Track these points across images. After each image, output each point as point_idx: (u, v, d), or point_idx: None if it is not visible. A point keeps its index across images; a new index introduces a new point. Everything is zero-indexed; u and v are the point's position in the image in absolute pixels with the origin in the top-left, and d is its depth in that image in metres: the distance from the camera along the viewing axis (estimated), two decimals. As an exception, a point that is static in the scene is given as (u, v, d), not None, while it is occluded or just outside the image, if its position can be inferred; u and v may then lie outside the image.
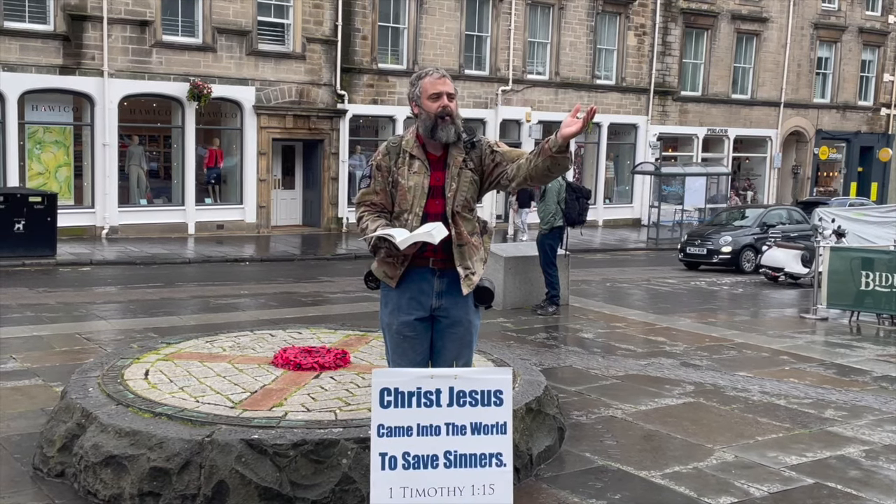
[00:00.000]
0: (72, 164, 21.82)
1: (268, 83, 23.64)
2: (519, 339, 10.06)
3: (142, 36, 21.73)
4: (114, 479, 4.81)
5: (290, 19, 23.98)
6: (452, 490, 4.07)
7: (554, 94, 29.19)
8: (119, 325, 10.93)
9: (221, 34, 22.79)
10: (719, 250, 19.97)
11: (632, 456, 5.98)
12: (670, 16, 31.54)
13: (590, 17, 29.54)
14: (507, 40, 27.75)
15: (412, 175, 4.42)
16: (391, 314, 4.54)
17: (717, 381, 8.27)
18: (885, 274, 12.06)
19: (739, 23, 33.35)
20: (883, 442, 6.50)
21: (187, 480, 4.70)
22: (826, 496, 5.36)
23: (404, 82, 25.73)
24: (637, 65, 31.05)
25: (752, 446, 6.27)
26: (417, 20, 26.06)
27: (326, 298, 13.88)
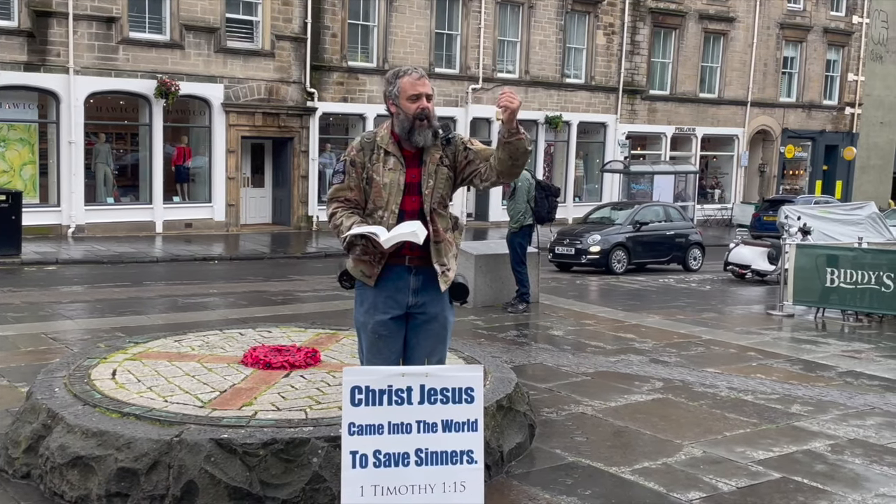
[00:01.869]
0: (37, 162, 21.57)
1: (237, 81, 23.49)
2: (490, 337, 10.06)
3: (108, 33, 21.51)
4: (81, 480, 4.75)
5: (259, 17, 23.85)
6: (424, 488, 4.06)
7: (524, 93, 29.21)
8: (86, 325, 10.79)
9: (189, 31, 22.61)
10: (587, 250, 18.64)
11: (602, 452, 5.99)
12: (639, 15, 31.71)
13: (559, 16, 29.64)
14: (478, 39, 27.78)
15: (387, 172, 4.38)
16: (367, 313, 4.49)
17: (685, 378, 8.31)
18: (850, 271, 12.19)
19: (707, 22, 33.63)
20: (848, 436, 6.56)
21: (156, 481, 4.65)
22: (793, 490, 5.40)
23: (375, 80, 25.73)
24: (606, 64, 31.20)
25: (720, 442, 6.31)
26: (387, 18, 26.01)
27: (296, 297, 13.81)
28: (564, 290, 14.96)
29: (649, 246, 19.45)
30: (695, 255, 20.33)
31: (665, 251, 19.68)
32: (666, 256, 19.39)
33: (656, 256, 19.73)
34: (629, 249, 18.92)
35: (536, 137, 29.85)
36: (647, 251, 19.44)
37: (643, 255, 19.34)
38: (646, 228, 19.48)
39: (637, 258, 19.08)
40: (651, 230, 19.61)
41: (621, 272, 18.35)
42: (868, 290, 12.06)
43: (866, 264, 12.20)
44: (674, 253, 19.81)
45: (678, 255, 19.74)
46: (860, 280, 12.13)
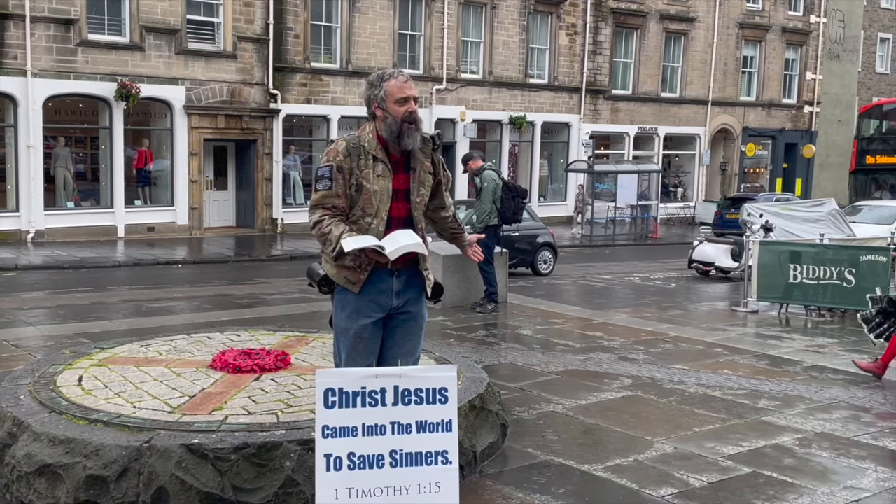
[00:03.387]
0: (-7, 167, 21.23)
1: (198, 83, 23.29)
2: (459, 337, 10.06)
3: (66, 35, 21.23)
4: (48, 488, 4.67)
5: (221, 18, 23.67)
6: (399, 489, 4.06)
7: (488, 93, 29.32)
8: (48, 331, 10.62)
9: (150, 33, 22.38)
10: None
11: (573, 450, 6.01)
12: (600, 15, 31.93)
13: (522, 17, 29.75)
14: (441, 39, 27.80)
15: (377, 178, 4.33)
16: (349, 318, 4.44)
17: (654, 375, 8.37)
18: (812, 267, 12.34)
19: (668, 22, 33.94)
20: (815, 430, 6.64)
21: (125, 488, 4.59)
22: (762, 484, 5.45)
23: (338, 81, 25.68)
24: (569, 64, 31.36)
25: (690, 437, 6.36)
26: (350, 19, 25.94)
27: (263, 300, 13.73)
28: (532, 289, 15.00)
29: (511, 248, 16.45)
30: (545, 258, 18.12)
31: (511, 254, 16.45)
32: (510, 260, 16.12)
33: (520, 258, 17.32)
34: None
35: (501, 138, 29.96)
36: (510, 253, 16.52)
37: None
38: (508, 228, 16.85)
39: None
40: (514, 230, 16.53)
41: None
42: (830, 285, 12.21)
43: (828, 260, 12.36)
44: (519, 256, 17.19)
45: (525, 259, 17.46)
46: (822, 276, 12.28)
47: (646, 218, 29.33)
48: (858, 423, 6.89)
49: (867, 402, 7.58)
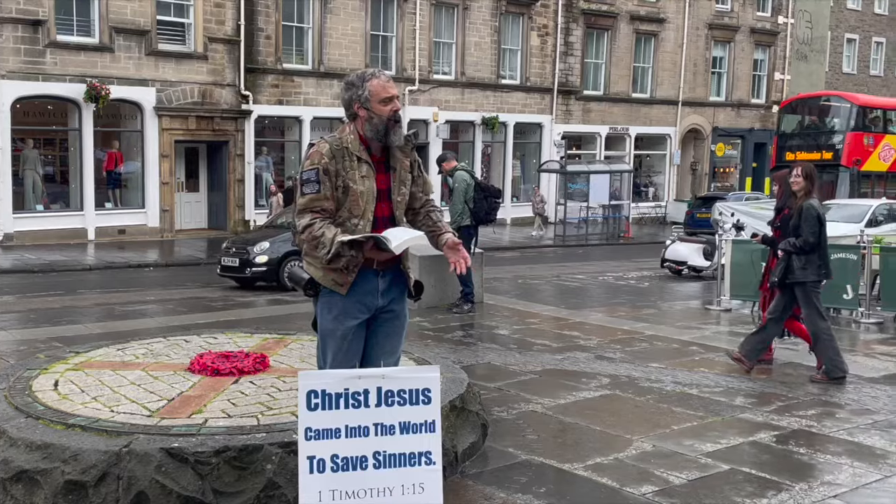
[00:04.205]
0: (-38, 170, 20.96)
1: (169, 84, 23.14)
2: (436, 338, 10.06)
3: (35, 36, 21.02)
4: (26, 494, 4.62)
5: (191, 18, 23.54)
6: (382, 490, 4.05)
7: (460, 94, 29.35)
8: (20, 336, 10.49)
9: (119, 34, 22.21)
10: (253, 261, 14.80)
11: (554, 449, 6.03)
12: (571, 16, 32.05)
13: (493, 18, 29.81)
14: (413, 40, 27.79)
15: (362, 179, 4.34)
16: (336, 320, 4.43)
17: (631, 373, 8.40)
18: (785, 265, 12.45)
19: (638, 23, 34.15)
20: (791, 427, 6.69)
21: (105, 493, 4.55)
22: (742, 481, 5.49)
23: (310, 82, 25.61)
24: (540, 65, 31.47)
25: (669, 435, 6.39)
26: (322, 20, 25.87)
27: (237, 302, 13.64)
28: (507, 289, 15.01)
29: None
30: None
31: None
32: None
33: None
34: None
35: (473, 139, 30.01)
36: None
37: None
38: None
39: None
40: None
41: None
42: (802, 283, 12.32)
43: (800, 258, 12.47)
44: None
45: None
46: (794, 274, 12.39)
47: (618, 218, 29.50)
48: (834, 419, 6.95)
49: (841, 399, 7.65)
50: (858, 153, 25.12)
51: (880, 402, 7.54)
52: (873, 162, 25.55)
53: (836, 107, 27.00)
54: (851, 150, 25.01)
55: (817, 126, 26.86)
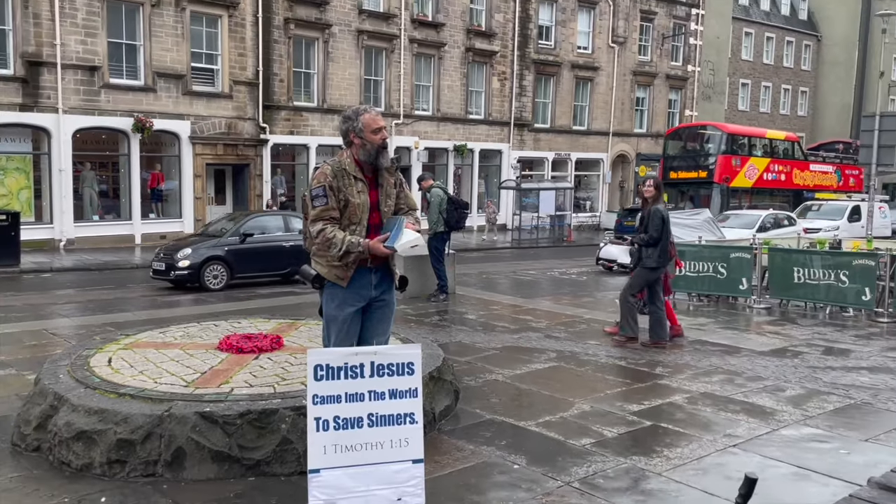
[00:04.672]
0: (32, 187, 20.64)
1: (201, 118, 22.92)
2: (418, 322, 10.05)
3: (91, 79, 20.74)
4: (85, 450, 4.58)
5: (219, 65, 23.30)
6: (375, 445, 4.04)
7: (436, 127, 29.32)
8: (80, 322, 10.38)
9: (160, 77, 21.96)
10: (176, 265, 13.55)
11: (512, 410, 6.05)
12: (525, 65, 32.09)
13: (463, 66, 29.80)
14: (399, 83, 27.70)
15: (358, 194, 4.38)
16: (338, 308, 4.49)
17: (573, 349, 8.44)
18: (693, 262, 12.53)
19: (578, 70, 34.23)
20: (700, 391, 6.76)
21: (149, 449, 4.53)
22: (661, 434, 5.55)
23: (316, 116, 25.46)
24: (500, 103, 31.50)
25: (603, 398, 6.44)
26: (325, 67, 25.74)
27: (257, 294, 13.54)
28: (474, 283, 15.00)
29: (261, 258, 14.35)
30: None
31: (284, 263, 14.34)
32: (285, 269, 14.30)
33: (272, 269, 14.56)
34: (230, 263, 13.89)
35: (447, 162, 29.97)
36: (257, 264, 14.34)
37: (252, 268, 14.29)
38: (254, 240, 14.37)
39: (243, 272, 14.15)
40: (262, 241, 14.49)
41: (219, 288, 13.60)
42: (707, 277, 12.41)
43: (705, 257, 12.55)
44: (293, 265, 13.60)
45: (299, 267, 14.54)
46: (701, 269, 12.47)
47: (561, 225, 29.52)
48: (732, 384, 7.03)
49: (738, 367, 7.71)
50: (728, 172, 25.03)
51: (769, 370, 7.63)
52: (740, 179, 25.48)
53: (710, 134, 26.87)
54: (722, 169, 24.88)
55: (695, 150, 26.58)
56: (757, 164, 26.09)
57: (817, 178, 28.52)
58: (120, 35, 21.34)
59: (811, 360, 8.10)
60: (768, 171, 26.52)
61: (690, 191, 25.77)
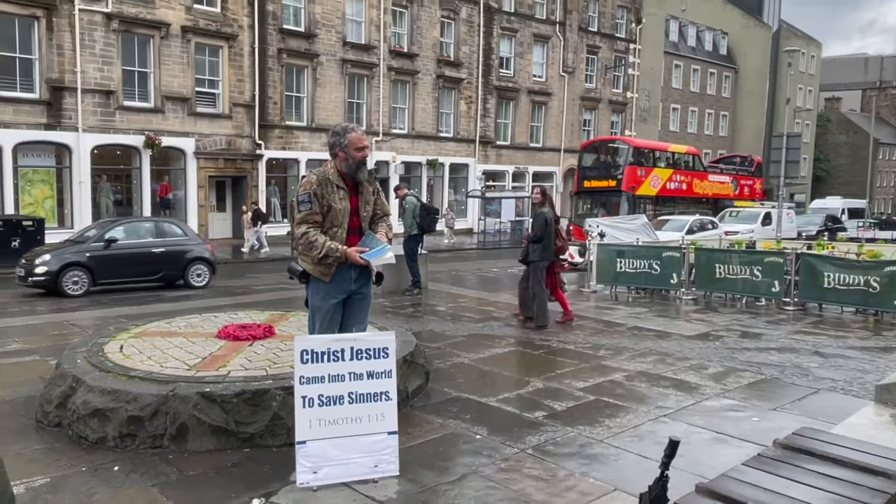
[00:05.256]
0: (55, 197, 20.26)
1: (204, 136, 22.64)
2: (394, 313, 10.02)
3: (107, 101, 20.41)
4: (99, 426, 4.52)
5: (220, 90, 23.04)
6: (354, 419, 4.04)
7: (411, 143, 29.28)
8: (97, 314, 10.20)
9: (168, 100, 21.66)
10: (33, 271, 12.07)
11: (475, 388, 6.06)
12: (488, 90, 32.18)
13: (434, 90, 29.79)
14: (378, 105, 27.62)
15: (340, 201, 4.36)
16: (322, 299, 4.47)
17: (528, 336, 8.47)
18: (631, 260, 12.67)
19: (534, 95, 34.40)
20: (636, 370, 6.83)
21: (156, 424, 4.48)
22: (602, 406, 5.59)
23: (305, 134, 25.29)
24: (467, 123, 31.55)
25: (554, 377, 6.46)
26: (313, 91, 25.57)
27: (253, 290, 13.41)
28: (444, 278, 14.99)
29: (127, 264, 12.78)
30: (199, 271, 13.48)
31: (154, 269, 13.06)
32: (154, 274, 13.05)
33: (141, 275, 13.02)
34: (92, 269, 12.28)
35: (421, 174, 29.93)
36: (123, 270, 12.77)
37: (118, 273, 12.70)
38: (119, 246, 12.74)
39: (107, 277, 12.54)
40: (129, 247, 12.86)
41: (79, 294, 12.04)
42: (643, 273, 12.54)
43: (641, 256, 12.68)
44: (165, 270, 13.17)
45: (173, 273, 13.28)
46: (638, 266, 12.60)
47: (521, 229, 29.66)
48: (664, 364, 7.10)
49: (669, 350, 7.79)
50: (634, 182, 24.27)
51: (695, 351, 7.72)
52: (645, 188, 24.72)
53: (619, 147, 25.91)
54: (629, 179, 24.09)
55: (606, 161, 25.40)
56: (661, 175, 25.36)
57: (715, 188, 27.90)
58: (133, 63, 21.03)
59: (730, 343, 8.22)
60: (671, 181, 25.78)
61: (602, 198, 24.70)
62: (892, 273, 10.03)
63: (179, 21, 21.73)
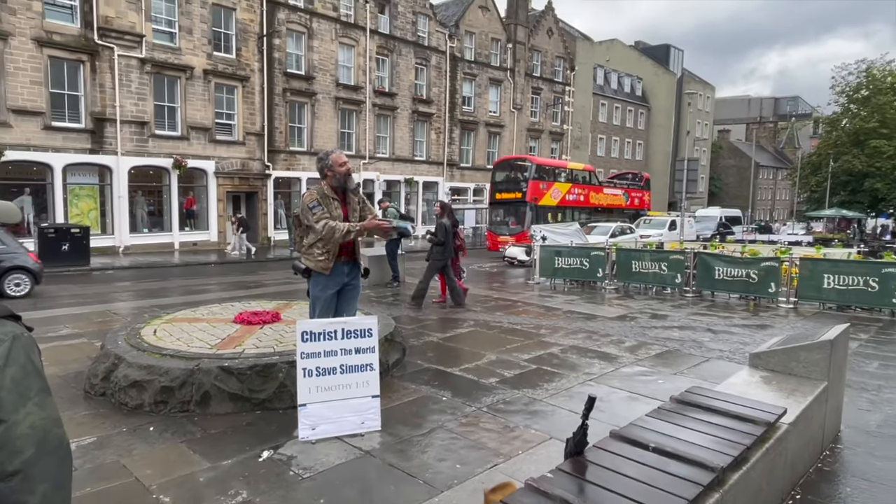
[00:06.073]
0: (98, 209, 19.68)
1: (222, 159, 22.27)
2: (378, 301, 10.00)
3: (142, 131, 19.94)
4: (137, 394, 4.47)
5: (235, 121, 22.68)
6: (345, 386, 4.06)
7: (392, 165, 29.20)
8: (134, 305, 9.99)
9: (192, 129, 21.27)
10: None
11: (442, 361, 6.10)
12: (453, 122, 32.23)
13: (410, 122, 29.75)
14: (365, 134, 27.48)
15: (334, 210, 4.38)
16: (321, 290, 4.48)
17: (486, 318, 8.53)
18: (567, 258, 12.83)
19: (489, 127, 34.54)
20: (569, 344, 6.92)
21: (184, 392, 4.44)
22: (542, 373, 5.67)
23: (305, 158, 25.04)
24: (437, 149, 31.56)
25: (505, 351, 6.53)
26: (312, 122, 25.34)
27: (263, 284, 13.26)
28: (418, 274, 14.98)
29: None
30: (17, 280, 10.66)
31: None
32: None
33: None
34: None
35: (400, 190, 29.86)
36: None
37: None
38: None
39: None
40: None
41: None
42: (576, 268, 12.71)
43: (574, 254, 12.85)
44: None
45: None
46: (572, 263, 12.78)
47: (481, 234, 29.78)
48: (591, 339, 7.21)
49: (595, 328, 7.85)
50: (537, 194, 23.18)
51: (615, 330, 7.85)
52: (547, 199, 23.61)
53: (524, 164, 24.42)
54: (532, 192, 22.95)
55: (514, 177, 23.93)
56: (560, 188, 24.37)
57: (609, 199, 27.04)
58: (163, 99, 20.58)
59: (642, 323, 8.38)
60: (570, 193, 24.81)
61: (511, 208, 23.37)
62: (767, 267, 10.35)
63: (202, 65, 21.37)
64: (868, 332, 7.88)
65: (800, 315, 9.15)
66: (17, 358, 1.25)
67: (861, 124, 34.08)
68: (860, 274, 9.36)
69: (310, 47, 24.95)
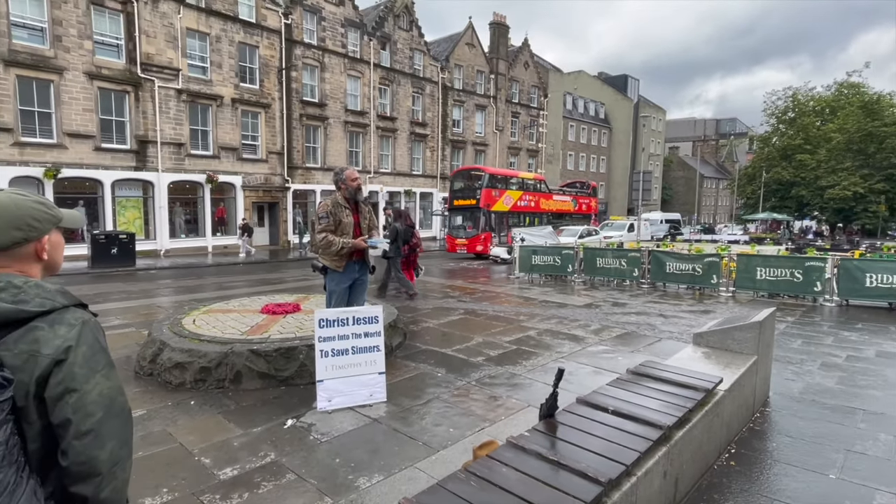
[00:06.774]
0: (142, 218, 19.53)
1: (248, 174, 22.19)
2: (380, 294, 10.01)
3: (179, 151, 19.83)
4: (180, 374, 4.48)
5: (259, 142, 22.59)
6: (356, 364, 4.10)
7: (393, 178, 29.18)
8: (175, 299, 9.95)
9: (223, 149, 21.17)
10: None
11: (437, 343, 6.13)
12: (445, 142, 32.20)
13: (408, 142, 29.74)
14: (370, 152, 27.43)
15: (347, 217, 4.41)
16: (336, 284, 4.52)
17: (475, 308, 8.56)
18: (542, 256, 12.87)
19: (476, 146, 34.51)
20: (544, 328, 6.96)
21: (220, 372, 4.46)
22: (522, 353, 5.71)
23: (319, 173, 24.95)
24: (432, 164, 31.55)
25: (491, 335, 6.55)
26: (325, 142, 25.27)
27: (285, 280, 13.24)
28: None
29: None
30: None
31: None
32: None
33: None
34: None
35: (400, 200, 29.84)
36: None
37: None
38: None
39: None
40: None
41: None
42: (550, 264, 12.76)
43: (548, 253, 12.90)
44: None
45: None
46: (546, 260, 12.84)
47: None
48: (562, 324, 7.23)
49: (565, 315, 7.86)
50: (490, 201, 21.67)
51: (582, 315, 7.86)
52: (500, 205, 22.09)
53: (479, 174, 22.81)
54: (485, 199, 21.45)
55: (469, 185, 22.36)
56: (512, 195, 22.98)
57: (559, 205, 25.78)
58: (197, 123, 20.47)
59: (605, 309, 8.42)
60: (521, 200, 23.44)
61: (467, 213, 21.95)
62: (709, 262, 10.47)
63: (230, 94, 21.28)
64: (794, 315, 8.01)
65: (737, 302, 9.27)
66: (87, 338, 1.30)
67: (788, 141, 34.62)
68: (787, 267, 9.50)
69: (322, 79, 24.91)
